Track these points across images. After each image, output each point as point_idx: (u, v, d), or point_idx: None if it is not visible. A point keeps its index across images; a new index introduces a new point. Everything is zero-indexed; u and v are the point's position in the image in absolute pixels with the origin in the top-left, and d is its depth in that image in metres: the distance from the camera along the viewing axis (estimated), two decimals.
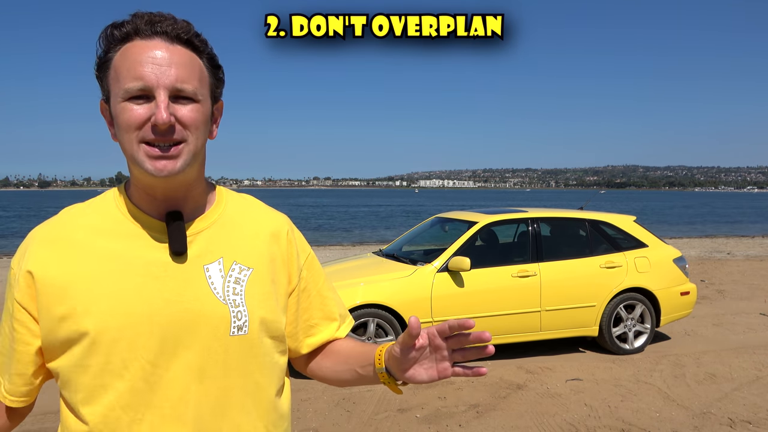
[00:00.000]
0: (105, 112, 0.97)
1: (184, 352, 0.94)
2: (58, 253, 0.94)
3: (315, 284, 1.15)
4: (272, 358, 1.04)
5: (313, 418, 4.01)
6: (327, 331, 1.16)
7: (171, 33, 0.91)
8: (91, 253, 0.94)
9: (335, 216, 42.95)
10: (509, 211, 6.09)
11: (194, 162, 0.95)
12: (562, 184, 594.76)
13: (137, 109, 0.88)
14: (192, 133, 0.92)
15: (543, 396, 4.42)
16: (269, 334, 1.02)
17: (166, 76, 0.89)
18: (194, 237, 0.99)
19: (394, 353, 0.97)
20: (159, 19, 0.91)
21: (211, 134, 1.01)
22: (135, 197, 0.99)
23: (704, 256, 13.95)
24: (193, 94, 0.92)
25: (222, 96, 1.03)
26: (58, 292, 0.92)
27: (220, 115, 1.03)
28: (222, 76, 1.01)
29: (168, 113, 0.88)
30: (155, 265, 0.95)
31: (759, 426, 3.85)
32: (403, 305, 4.93)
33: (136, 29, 0.90)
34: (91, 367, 0.91)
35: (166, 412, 0.92)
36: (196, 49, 0.95)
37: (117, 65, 0.90)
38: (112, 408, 0.91)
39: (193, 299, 0.95)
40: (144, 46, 0.90)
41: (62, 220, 0.99)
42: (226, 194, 1.10)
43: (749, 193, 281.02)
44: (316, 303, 1.15)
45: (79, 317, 0.90)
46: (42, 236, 0.97)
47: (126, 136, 0.90)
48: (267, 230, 1.08)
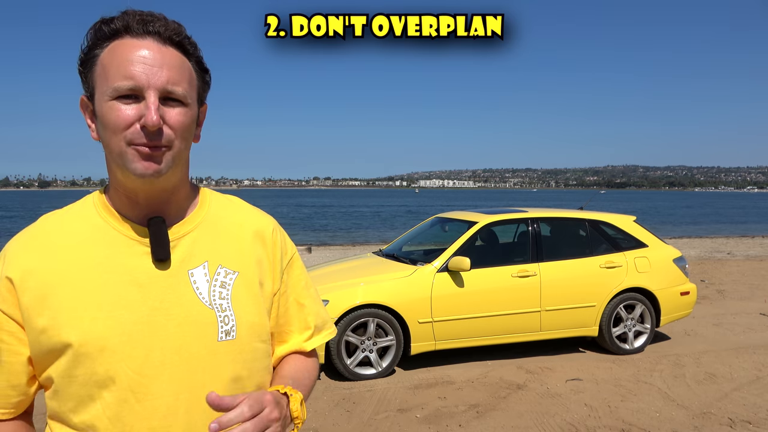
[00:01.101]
0: (86, 109, 0.94)
1: (171, 361, 0.91)
2: (38, 262, 0.92)
3: (293, 289, 1.11)
4: (262, 363, 1.02)
5: (313, 418, 4.00)
6: (294, 341, 1.11)
7: (163, 34, 0.90)
8: (72, 261, 0.92)
9: (338, 216, 42.86)
10: (509, 211, 6.09)
11: (178, 166, 0.94)
12: (562, 184, 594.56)
13: (125, 109, 0.86)
14: (178, 137, 0.91)
15: (543, 396, 4.42)
16: (255, 338, 1.00)
17: (158, 77, 0.87)
18: (177, 241, 0.97)
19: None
20: (151, 18, 0.89)
21: (196, 137, 0.99)
22: (116, 202, 0.97)
23: (704, 256, 13.95)
24: (183, 96, 0.90)
25: (207, 99, 1.02)
26: (38, 301, 0.89)
27: (204, 118, 1.02)
28: (209, 80, 1.00)
29: (158, 115, 0.86)
30: (138, 272, 0.92)
31: (759, 426, 3.85)
32: (403, 305, 4.93)
33: (126, 27, 0.88)
34: (78, 377, 0.88)
35: (155, 424, 0.90)
36: (186, 52, 0.93)
37: (105, 62, 0.88)
38: (99, 419, 0.89)
39: (177, 305, 0.93)
40: (135, 44, 0.88)
41: (41, 227, 0.97)
42: (210, 196, 1.07)
43: (749, 193, 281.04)
44: (293, 309, 1.11)
45: (61, 328, 0.88)
46: (21, 244, 0.94)
47: (113, 137, 0.88)
48: (252, 232, 1.06)
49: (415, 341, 5.00)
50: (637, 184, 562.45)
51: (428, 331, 5.02)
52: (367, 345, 4.89)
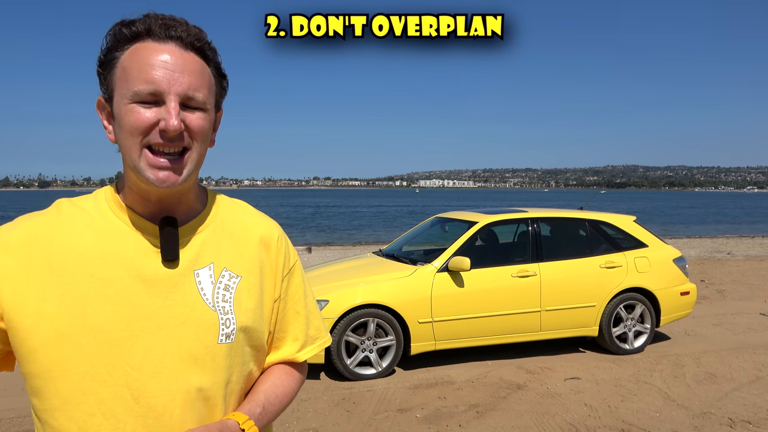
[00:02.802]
0: (103, 110, 0.94)
1: (170, 360, 0.91)
2: (44, 250, 0.90)
3: (292, 297, 1.11)
4: (248, 367, 1.02)
5: (313, 418, 4.01)
6: (286, 349, 1.11)
7: (185, 39, 0.90)
8: (79, 253, 0.91)
9: (338, 216, 42.83)
10: (509, 211, 6.09)
11: (195, 171, 0.95)
12: (562, 184, 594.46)
13: (145, 112, 0.86)
14: (197, 142, 0.92)
15: (543, 396, 4.42)
16: (250, 343, 1.01)
17: (179, 83, 0.87)
18: (186, 242, 0.97)
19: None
20: (173, 23, 0.90)
21: (212, 142, 1.00)
22: (128, 198, 0.97)
23: (704, 256, 13.95)
24: (203, 103, 0.91)
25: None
26: (39, 289, 0.88)
27: (219, 123, 1.03)
28: (226, 86, 1.01)
29: (179, 120, 0.87)
30: (145, 269, 0.93)
31: (759, 426, 3.85)
32: (403, 305, 4.93)
33: (148, 30, 0.88)
34: (72, 371, 0.87)
35: (150, 422, 0.89)
36: (206, 58, 0.94)
37: (125, 65, 0.88)
38: (92, 414, 0.88)
39: (182, 305, 0.93)
40: (156, 48, 0.88)
41: (52, 216, 0.95)
42: (219, 199, 1.08)
43: (749, 193, 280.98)
44: (289, 317, 1.11)
45: (63, 318, 0.87)
46: (28, 230, 0.93)
47: (130, 140, 0.88)
48: (257, 237, 1.06)
49: (415, 341, 5.00)
50: (637, 184, 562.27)
51: (428, 331, 5.02)
52: (367, 345, 4.89)
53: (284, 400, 1.07)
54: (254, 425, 0.96)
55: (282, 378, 1.09)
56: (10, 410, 4.09)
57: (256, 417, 0.97)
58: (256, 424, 0.96)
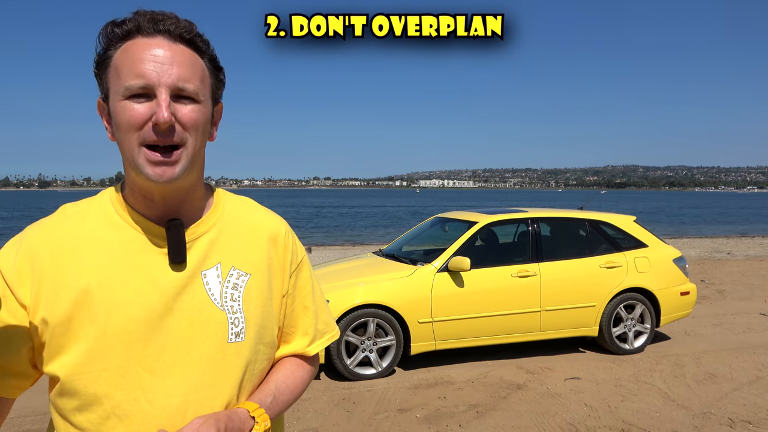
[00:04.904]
0: (103, 111, 0.95)
1: (182, 360, 0.92)
2: (55, 255, 0.91)
3: (300, 293, 1.11)
4: (260, 365, 1.02)
5: (313, 418, 4.01)
6: (296, 343, 1.12)
7: (174, 32, 0.90)
8: (88, 257, 0.92)
9: (341, 217, 42.77)
10: (509, 211, 6.09)
11: (193, 166, 0.94)
12: (562, 184, 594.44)
13: (138, 107, 0.86)
14: (191, 135, 0.90)
15: (543, 396, 4.42)
16: (260, 341, 1.01)
17: (168, 74, 0.87)
18: (192, 243, 0.97)
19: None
20: (161, 17, 0.90)
21: (211, 136, 1.00)
22: (131, 200, 0.97)
23: (704, 256, 13.95)
24: (195, 94, 0.90)
25: (222, 98, 1.02)
26: (53, 294, 0.89)
27: (219, 117, 1.02)
28: (223, 78, 1.00)
29: (169, 112, 0.86)
30: (154, 272, 0.93)
31: (759, 426, 3.85)
32: (403, 305, 4.93)
33: (138, 27, 0.89)
34: (88, 374, 0.88)
35: (164, 423, 0.90)
36: (198, 50, 0.93)
37: (117, 63, 0.88)
38: (107, 417, 0.89)
39: (190, 306, 0.94)
40: (146, 44, 0.88)
41: (59, 221, 0.96)
42: (225, 197, 1.08)
43: (749, 193, 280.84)
44: (298, 312, 1.11)
45: (76, 322, 0.88)
46: (39, 236, 0.94)
47: (126, 137, 0.88)
48: (265, 234, 1.06)
49: (415, 341, 5.00)
50: (637, 184, 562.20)
51: (428, 331, 5.02)
52: (367, 345, 4.89)
53: (295, 391, 1.08)
54: (265, 413, 0.96)
55: (293, 369, 1.10)
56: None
57: (267, 406, 0.98)
58: (267, 412, 0.97)
